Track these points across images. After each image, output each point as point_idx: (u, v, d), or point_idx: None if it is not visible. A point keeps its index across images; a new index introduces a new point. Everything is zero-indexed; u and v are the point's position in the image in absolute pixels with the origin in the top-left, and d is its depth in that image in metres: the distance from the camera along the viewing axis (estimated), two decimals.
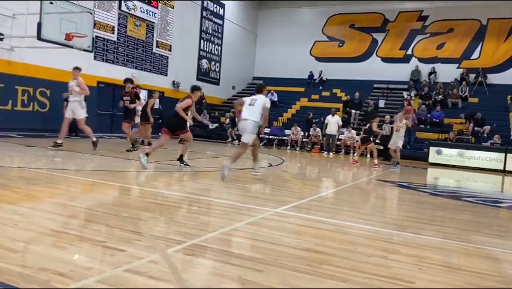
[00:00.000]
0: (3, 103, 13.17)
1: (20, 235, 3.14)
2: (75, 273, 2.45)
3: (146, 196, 5.43)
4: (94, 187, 5.69)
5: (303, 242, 3.59)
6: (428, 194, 7.93)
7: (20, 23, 12.84)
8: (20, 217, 3.66)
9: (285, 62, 25.53)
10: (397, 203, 6.61)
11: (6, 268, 2.43)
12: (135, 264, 2.69)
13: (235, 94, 25.79)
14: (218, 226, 3.96)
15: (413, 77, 23.11)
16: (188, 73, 21.87)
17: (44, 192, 5.00)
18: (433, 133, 17.89)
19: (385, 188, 8.29)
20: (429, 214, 5.82)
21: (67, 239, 3.13)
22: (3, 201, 4.24)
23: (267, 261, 2.96)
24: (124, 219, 3.92)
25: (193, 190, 6.31)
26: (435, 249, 3.79)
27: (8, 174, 6.17)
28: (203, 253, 3.13)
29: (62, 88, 14.78)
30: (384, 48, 24.57)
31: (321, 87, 24.49)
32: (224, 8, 24.26)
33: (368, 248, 3.56)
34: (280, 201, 5.53)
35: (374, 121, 12.72)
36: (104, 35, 16.71)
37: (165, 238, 3.35)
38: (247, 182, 7.60)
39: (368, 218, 4.97)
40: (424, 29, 23.63)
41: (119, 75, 17.46)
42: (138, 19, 18.31)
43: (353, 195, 7.20)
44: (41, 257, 2.68)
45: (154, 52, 19.48)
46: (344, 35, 25.41)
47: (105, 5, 16.62)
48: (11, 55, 13.25)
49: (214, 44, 23.84)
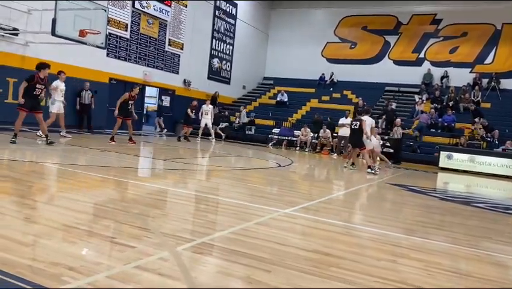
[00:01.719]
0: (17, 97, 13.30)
1: (31, 229, 3.18)
2: (86, 268, 2.47)
3: (155, 193, 5.46)
4: (104, 183, 5.73)
5: (312, 243, 3.59)
6: (438, 198, 7.88)
7: (35, 18, 13.00)
8: (31, 211, 3.71)
9: (296, 63, 25.50)
10: (406, 207, 6.57)
11: (18, 262, 2.46)
12: (144, 260, 2.71)
13: (245, 94, 25.84)
14: (227, 225, 3.97)
15: (425, 81, 22.96)
16: (200, 72, 21.96)
17: (55, 187, 5.06)
18: (444, 138, 17.74)
19: (395, 192, 8.24)
20: (439, 219, 5.78)
21: (77, 234, 3.16)
22: (16, 195, 4.30)
23: (275, 262, 2.96)
24: (134, 215, 3.95)
25: (202, 188, 6.33)
26: (444, 254, 3.76)
27: (20, 168, 6.25)
28: (211, 251, 3.14)
29: (74, 84, 14.97)
30: (396, 51, 24.43)
31: (332, 88, 24.43)
32: (236, 8, 24.30)
33: (377, 252, 3.55)
34: (289, 202, 5.53)
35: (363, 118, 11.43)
36: (117, 32, 16.83)
37: (175, 236, 3.37)
38: (255, 182, 7.61)
39: (378, 221, 4.95)
40: (437, 32, 23.46)
41: (131, 72, 17.62)
42: (151, 17, 18.42)
43: (362, 198, 7.17)
44: (53, 252, 2.71)
45: (166, 50, 19.58)
46: (357, 37, 25.32)
47: (118, 2, 16.74)
48: (25, 50, 13.40)
49: (225, 44, 23.89)
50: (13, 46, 13.04)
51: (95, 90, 15.64)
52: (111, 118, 16.81)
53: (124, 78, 17.31)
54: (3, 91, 12.90)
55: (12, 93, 13.15)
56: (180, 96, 20.62)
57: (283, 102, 23.28)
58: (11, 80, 13.09)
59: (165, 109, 20.40)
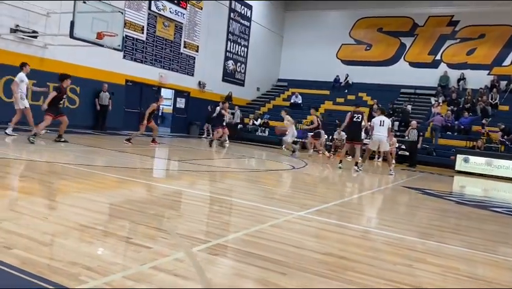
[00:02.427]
0: (36, 99, 13.54)
1: (50, 229, 3.23)
2: (102, 268, 2.51)
3: (170, 194, 5.51)
4: (120, 183, 5.80)
5: (327, 246, 3.58)
6: (454, 202, 7.78)
7: (53, 21, 13.22)
8: (50, 211, 3.77)
9: (311, 65, 25.43)
10: (422, 211, 6.50)
11: (38, 261, 2.51)
12: (160, 261, 2.74)
13: (259, 96, 25.86)
14: (242, 226, 3.98)
15: (441, 83, 22.70)
16: (214, 74, 22.06)
17: (72, 187, 5.14)
18: (461, 141, 17.51)
19: (410, 195, 8.17)
20: (455, 223, 5.71)
21: (94, 234, 3.21)
22: (35, 195, 4.38)
23: (290, 264, 2.96)
24: (149, 216, 3.99)
25: (216, 190, 6.36)
26: (461, 259, 3.71)
27: (39, 169, 6.36)
28: (227, 253, 3.16)
29: (91, 86, 15.19)
30: (412, 53, 24.20)
31: (346, 90, 24.30)
32: (251, 10, 24.36)
33: (393, 256, 3.52)
34: (304, 205, 5.52)
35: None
36: (134, 35, 17.02)
37: (190, 237, 3.39)
38: (269, 184, 7.62)
39: (393, 224, 4.91)
40: (454, 34, 23.17)
41: (147, 74, 17.79)
42: (167, 19, 18.58)
43: (377, 201, 7.12)
44: (71, 251, 2.75)
45: (181, 52, 19.72)
46: (372, 39, 25.16)
47: (135, 5, 16.93)
48: (44, 52, 13.64)
49: (240, 46, 23.96)
50: (32, 48, 13.29)
51: (112, 92, 15.84)
52: (126, 120, 17.07)
53: (140, 80, 17.49)
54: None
55: (31, 94, 13.39)
56: (195, 98, 20.75)
57: (297, 104, 23.23)
58: (30, 82, 13.29)
59: (179, 111, 20.54)
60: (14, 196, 4.18)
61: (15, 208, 3.68)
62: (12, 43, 12.75)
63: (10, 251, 2.61)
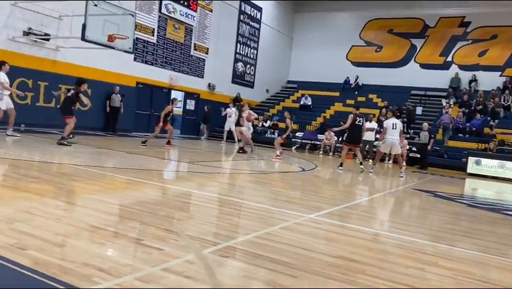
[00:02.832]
0: (48, 101, 13.72)
1: (62, 230, 3.26)
2: (114, 270, 2.53)
3: (180, 196, 5.53)
4: (130, 185, 5.84)
5: (337, 249, 3.56)
6: (466, 205, 7.70)
7: (65, 24, 13.37)
8: (63, 212, 3.81)
9: (321, 66, 25.37)
10: (433, 214, 6.44)
11: (51, 262, 2.54)
12: (171, 263, 2.75)
13: (268, 98, 25.86)
14: (252, 229, 3.98)
15: (452, 85, 22.49)
16: (224, 76, 22.12)
17: (84, 189, 5.18)
18: (472, 143, 17.33)
19: (421, 198, 8.10)
20: (467, 226, 5.66)
21: (105, 236, 3.23)
22: (48, 196, 4.42)
23: (301, 267, 2.96)
24: (160, 218, 4.02)
25: (226, 191, 6.37)
26: (474, 263, 3.68)
27: (51, 170, 6.43)
28: (237, 255, 3.16)
29: (102, 88, 15.31)
30: (423, 54, 24.03)
31: (356, 92, 24.20)
32: (261, 12, 24.39)
33: (405, 259, 3.50)
34: (314, 207, 5.51)
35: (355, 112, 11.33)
36: (144, 37, 17.13)
37: (200, 239, 3.40)
38: (279, 186, 7.61)
39: (404, 227, 4.87)
40: (466, 35, 22.96)
41: (158, 77, 17.90)
42: (177, 22, 18.68)
43: (388, 204, 7.07)
44: (83, 252, 2.78)
45: (192, 54, 19.81)
46: (382, 40, 25.04)
47: (146, 7, 17.04)
48: (56, 55, 13.79)
49: (250, 48, 23.99)
50: (44, 51, 13.44)
51: (123, 94, 15.96)
52: (137, 122, 17.19)
53: (151, 82, 17.60)
54: (34, 95, 13.29)
55: (43, 96, 13.57)
56: (204, 100, 20.83)
57: (307, 106, 23.20)
58: (42, 84, 13.50)
59: (189, 113, 20.63)
60: (27, 197, 4.23)
61: (28, 209, 3.73)
62: (25, 45, 12.91)
63: (24, 252, 2.65)
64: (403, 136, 16.99)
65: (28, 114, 12.62)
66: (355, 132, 11.28)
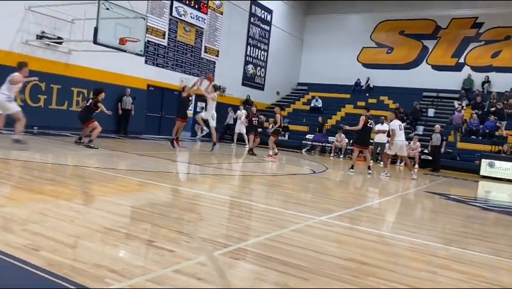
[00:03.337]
0: (60, 103, 13.88)
1: (75, 231, 3.30)
2: (127, 271, 2.55)
3: (191, 197, 5.55)
4: (142, 187, 5.88)
5: (349, 252, 3.55)
6: (479, 208, 7.61)
7: (78, 27, 13.52)
8: (76, 214, 3.85)
9: (331, 68, 25.30)
10: (446, 217, 6.38)
11: (64, 263, 2.57)
12: (183, 264, 2.77)
13: (279, 100, 25.85)
14: (263, 231, 3.98)
15: (465, 86, 22.28)
16: (234, 78, 22.16)
17: (97, 191, 5.23)
18: (486, 145, 17.13)
19: (433, 200, 8.03)
20: (480, 229, 5.59)
21: (118, 237, 3.26)
22: (61, 198, 4.47)
23: (312, 269, 2.95)
24: (171, 219, 4.04)
25: (237, 194, 6.38)
26: (487, 266, 3.63)
27: (64, 172, 6.50)
28: (248, 257, 3.16)
29: (114, 90, 15.45)
30: (435, 55, 23.84)
31: (367, 93, 24.07)
32: (271, 14, 24.41)
33: (417, 262, 3.47)
34: (325, 210, 5.49)
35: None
36: (155, 40, 17.25)
37: (212, 241, 3.41)
38: (290, 189, 7.60)
39: (416, 230, 4.84)
40: (478, 36, 22.74)
41: (168, 79, 18.01)
42: (188, 25, 18.77)
43: (400, 207, 7.02)
44: (96, 254, 2.81)
45: (202, 57, 19.89)
46: (393, 42, 24.90)
47: (157, 10, 17.17)
48: (68, 58, 13.95)
49: (260, 50, 24.02)
50: (57, 54, 13.61)
51: (134, 96, 16.07)
52: (148, 124, 17.29)
53: (161, 85, 17.71)
54: (47, 97, 13.45)
55: (56, 99, 13.73)
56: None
57: (317, 108, 23.14)
58: (55, 86, 13.66)
59: None
60: (41, 199, 4.29)
61: (42, 211, 3.77)
62: (39, 49, 13.08)
63: (37, 252, 2.68)
64: (416, 138, 16.89)
65: (40, 117, 12.78)
66: (367, 134, 11.22)
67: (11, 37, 12.37)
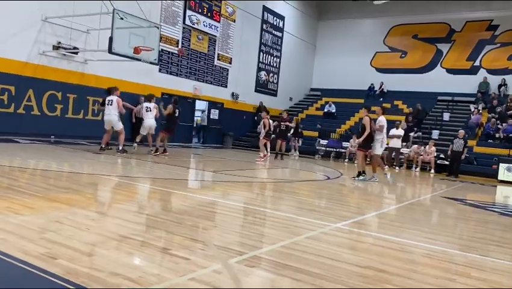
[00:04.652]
0: (76, 112, 14.07)
1: (92, 239, 3.32)
2: (144, 279, 2.55)
3: (206, 205, 5.56)
4: (156, 194, 5.91)
5: (365, 259, 3.50)
6: (498, 213, 7.47)
7: (93, 37, 13.73)
8: (91, 222, 3.88)
9: (344, 74, 25.21)
10: (464, 222, 6.27)
11: (81, 271, 2.58)
12: (199, 272, 2.76)
13: (292, 106, 25.83)
14: (278, 238, 3.96)
15: (481, 90, 21.97)
16: (247, 85, 22.24)
17: (112, 198, 5.28)
18: (504, 149, 16.82)
19: (451, 206, 7.91)
20: (499, 235, 5.48)
21: (134, 245, 3.27)
22: (77, 206, 4.52)
23: (328, 277, 2.92)
24: (186, 227, 4.04)
25: (251, 201, 6.37)
26: (507, 273, 3.56)
27: (79, 180, 6.57)
28: (263, 265, 3.15)
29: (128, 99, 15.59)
30: (450, 59, 23.60)
31: (381, 98, 23.90)
32: (284, 21, 24.46)
33: (435, 269, 3.41)
34: (340, 216, 5.44)
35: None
36: (169, 49, 17.41)
37: (227, 248, 3.41)
38: (304, 195, 7.56)
39: (434, 237, 4.76)
40: (494, 39, 22.44)
41: (182, 87, 18.15)
42: (201, 33, 18.92)
43: (417, 213, 6.92)
44: (112, 262, 2.82)
45: (215, 64, 20.00)
46: (407, 46, 24.73)
47: (170, 19, 17.34)
48: (84, 68, 14.16)
49: (272, 56, 24.07)
50: (73, 64, 13.82)
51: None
52: None
53: (175, 92, 17.83)
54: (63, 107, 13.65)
55: (72, 108, 13.92)
56: (228, 109, 20.97)
57: (331, 113, 23.05)
58: (71, 96, 13.86)
59: (213, 122, 20.76)
60: (57, 207, 4.34)
61: (59, 219, 3.82)
62: (55, 59, 13.31)
63: (55, 261, 2.71)
64: (432, 143, 16.67)
65: (57, 126, 12.98)
66: (372, 136, 10.09)
67: (28, 48, 12.62)
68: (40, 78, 12.94)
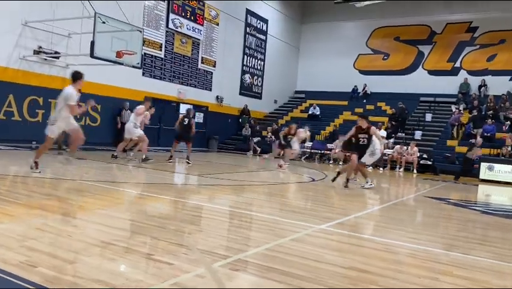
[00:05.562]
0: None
1: (73, 246, 3.27)
2: (126, 285, 2.52)
3: (190, 209, 5.52)
4: (139, 199, 5.85)
5: (349, 260, 3.52)
6: (480, 212, 7.58)
7: (75, 41, 13.57)
8: (73, 228, 3.83)
9: (328, 76, 25.39)
10: (446, 222, 6.36)
11: (64, 279, 2.54)
12: (182, 277, 2.74)
13: (276, 108, 25.91)
14: (263, 241, 3.96)
15: (462, 91, 22.36)
16: (232, 88, 22.23)
17: (94, 204, 5.20)
18: (484, 148, 17.11)
19: (434, 206, 8.00)
20: (481, 234, 5.57)
21: (116, 251, 3.23)
22: (59, 212, 4.45)
23: (312, 279, 2.92)
24: (170, 231, 4.01)
25: (236, 204, 6.35)
26: (489, 271, 3.60)
27: (62, 186, 6.47)
28: (248, 268, 3.14)
29: (112, 103, 15.46)
30: (431, 60, 23.96)
31: (365, 100, 24.15)
32: (267, 24, 24.55)
33: (418, 269, 3.44)
34: (324, 218, 5.46)
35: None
36: (152, 52, 17.31)
37: (211, 252, 3.39)
38: (289, 197, 7.57)
39: (417, 237, 4.81)
40: (473, 40, 22.88)
41: (166, 91, 18.05)
42: (184, 36, 18.86)
43: (400, 213, 6.99)
44: (94, 269, 2.78)
45: (199, 68, 19.96)
46: (389, 48, 25.03)
47: (153, 23, 17.25)
48: (66, 72, 13.96)
49: (256, 59, 24.12)
50: (54, 69, 13.64)
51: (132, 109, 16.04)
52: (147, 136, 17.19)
53: (159, 96, 17.73)
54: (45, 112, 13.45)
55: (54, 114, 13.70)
56: (213, 112, 20.93)
57: (315, 115, 23.18)
58: (53, 101, 13.63)
59: (198, 126, 20.67)
60: (38, 214, 4.26)
61: (39, 226, 3.75)
62: (35, 64, 13.12)
63: (35, 269, 2.65)
64: (413, 144, 16.86)
65: (39, 131, 12.73)
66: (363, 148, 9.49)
67: (8, 52, 12.41)
68: (21, 83, 12.74)
